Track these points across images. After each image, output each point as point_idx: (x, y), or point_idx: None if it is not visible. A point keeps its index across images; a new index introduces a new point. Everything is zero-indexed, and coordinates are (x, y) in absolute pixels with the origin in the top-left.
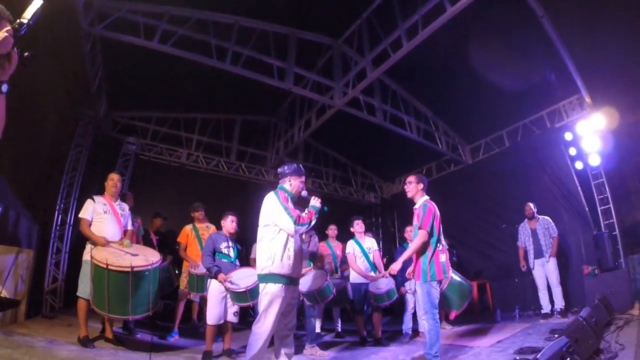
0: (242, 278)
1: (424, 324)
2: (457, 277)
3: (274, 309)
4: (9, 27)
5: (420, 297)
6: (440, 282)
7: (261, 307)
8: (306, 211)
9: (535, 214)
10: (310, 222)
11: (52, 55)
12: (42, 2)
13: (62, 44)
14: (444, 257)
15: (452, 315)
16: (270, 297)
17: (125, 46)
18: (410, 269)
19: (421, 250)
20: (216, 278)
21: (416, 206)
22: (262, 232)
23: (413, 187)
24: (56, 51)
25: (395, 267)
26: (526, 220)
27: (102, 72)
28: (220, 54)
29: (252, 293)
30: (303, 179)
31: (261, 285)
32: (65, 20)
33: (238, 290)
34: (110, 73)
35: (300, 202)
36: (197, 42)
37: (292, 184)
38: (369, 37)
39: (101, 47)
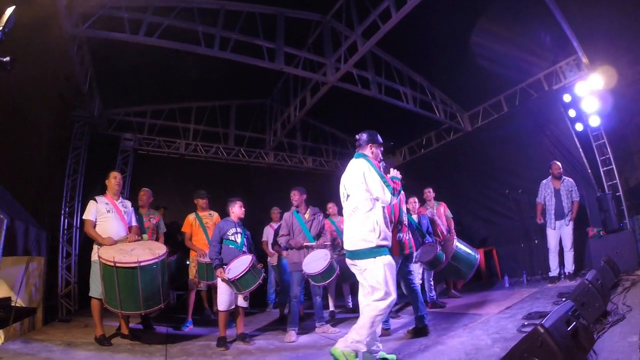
0: (233, 268)
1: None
2: (463, 247)
3: (393, 278)
4: None
5: None
6: (398, 257)
7: (377, 280)
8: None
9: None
10: (399, 193)
11: (41, 61)
12: (13, 7)
13: (49, 48)
14: (402, 236)
15: (460, 284)
16: (388, 268)
17: (113, 43)
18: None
19: None
20: (215, 270)
21: None
22: (355, 203)
23: None
24: (45, 56)
25: None
26: (550, 177)
27: (92, 71)
28: (208, 40)
29: (241, 282)
30: (382, 148)
31: (368, 260)
32: (49, 25)
33: (229, 280)
34: (101, 72)
35: None
36: (184, 31)
37: (373, 152)
38: (357, 10)
39: (88, 47)
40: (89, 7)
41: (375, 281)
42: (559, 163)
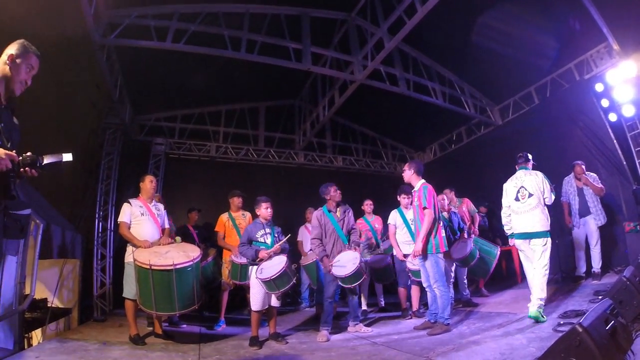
0: (268, 267)
1: (435, 292)
2: (480, 244)
3: None
4: (14, 155)
5: (429, 268)
6: (443, 253)
7: (548, 251)
8: None
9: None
10: None
11: (72, 71)
12: (70, 158)
13: (80, 58)
14: (444, 232)
15: (481, 282)
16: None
17: (141, 51)
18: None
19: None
20: (257, 257)
21: (415, 189)
22: (537, 201)
23: (407, 173)
24: (76, 67)
25: (418, 248)
26: (572, 175)
27: (122, 79)
28: (235, 43)
29: (277, 282)
30: None
31: (545, 239)
32: (79, 35)
33: (264, 279)
34: (130, 79)
35: None
36: (210, 35)
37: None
38: (382, 6)
39: (117, 56)
40: (116, 17)
41: (547, 252)
42: (582, 165)
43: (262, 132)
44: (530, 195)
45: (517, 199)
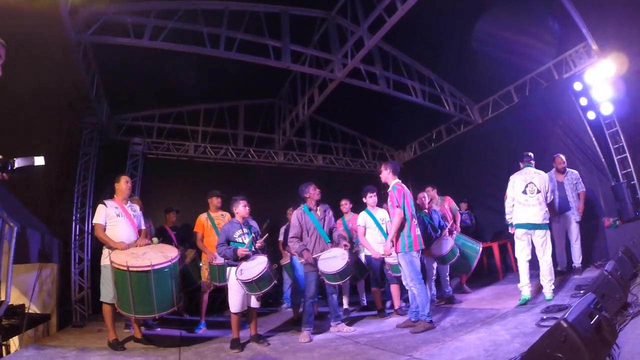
0: (249, 268)
1: (412, 290)
2: (462, 240)
3: None
4: None
5: (404, 267)
6: (418, 251)
7: (550, 240)
8: None
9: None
10: None
11: (47, 69)
12: (42, 162)
13: (56, 56)
14: (418, 231)
15: (464, 279)
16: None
17: (118, 48)
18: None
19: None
20: (237, 256)
21: (389, 189)
22: (543, 196)
23: (383, 173)
24: (51, 65)
25: (387, 247)
26: (554, 170)
27: (99, 77)
28: (213, 41)
29: (259, 283)
30: None
31: (546, 231)
32: (54, 33)
33: (246, 281)
34: (108, 78)
35: None
36: (188, 33)
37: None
38: (362, 4)
39: (94, 53)
40: (92, 14)
41: (550, 241)
42: (562, 157)
43: (241, 132)
44: (539, 191)
45: (524, 192)
